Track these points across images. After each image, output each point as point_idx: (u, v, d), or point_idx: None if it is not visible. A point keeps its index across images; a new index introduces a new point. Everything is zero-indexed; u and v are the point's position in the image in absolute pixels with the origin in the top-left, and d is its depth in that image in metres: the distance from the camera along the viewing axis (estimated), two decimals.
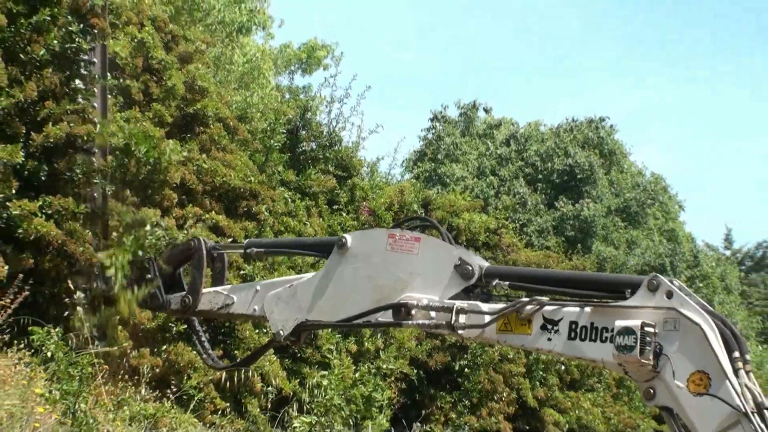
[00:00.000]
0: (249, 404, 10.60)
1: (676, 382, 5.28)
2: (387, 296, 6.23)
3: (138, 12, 11.44)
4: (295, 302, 6.65)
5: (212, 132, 11.87)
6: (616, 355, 5.36)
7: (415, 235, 6.30)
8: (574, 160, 35.25)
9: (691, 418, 5.27)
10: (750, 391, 5.23)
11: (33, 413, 7.30)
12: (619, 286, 5.69)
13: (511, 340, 5.80)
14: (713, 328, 5.33)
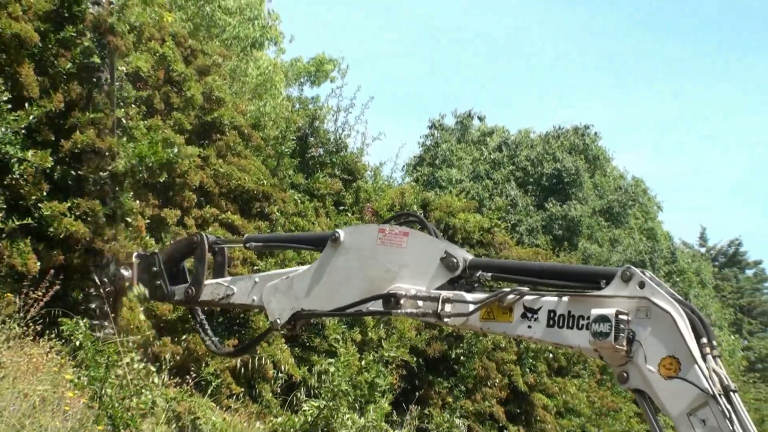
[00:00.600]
0: (262, 389, 10.61)
1: (648, 366, 5.30)
2: (377, 287, 6.23)
3: (160, 29, 11.45)
4: (291, 292, 6.67)
5: (228, 139, 11.88)
6: (592, 341, 5.36)
7: (404, 229, 6.31)
8: (562, 164, 35.28)
9: (662, 399, 5.28)
10: (717, 374, 5.25)
11: (63, 397, 7.31)
12: (594, 276, 5.69)
13: (494, 328, 5.88)
14: (682, 315, 5.35)
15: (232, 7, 20.42)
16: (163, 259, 7.47)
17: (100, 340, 7.99)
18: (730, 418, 5.10)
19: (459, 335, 14.50)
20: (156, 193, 10.35)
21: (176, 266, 7.54)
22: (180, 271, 7.50)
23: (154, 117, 10.65)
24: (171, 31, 11.78)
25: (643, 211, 40.38)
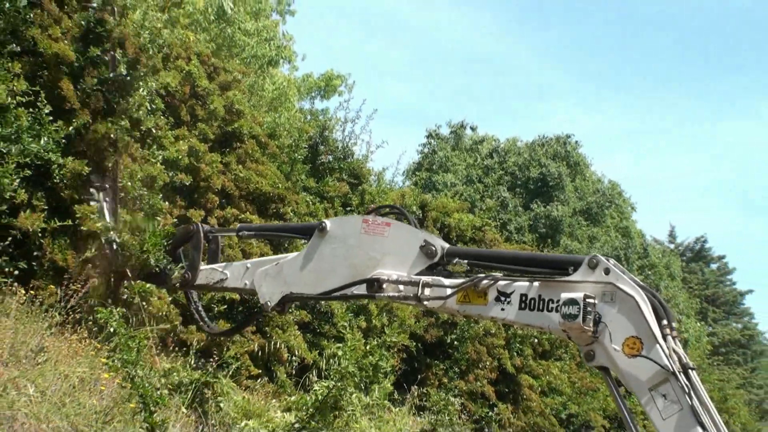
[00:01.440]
0: (277, 371, 10.60)
1: (613, 346, 5.30)
2: (361, 272, 6.22)
3: (186, 48, 11.46)
4: (281, 277, 6.62)
5: (247, 147, 11.86)
6: (562, 322, 5.36)
7: (386, 220, 6.30)
8: (546, 169, 35.34)
9: (625, 376, 5.28)
10: (676, 353, 5.27)
11: (99, 379, 7.31)
12: (563, 264, 5.68)
13: (470, 310, 5.88)
14: (645, 299, 5.35)
15: (250, 29, 20.43)
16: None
17: (132, 327, 7.98)
18: (689, 393, 5.09)
19: (453, 322, 14.50)
20: (182, 195, 10.34)
21: (174, 253, 7.62)
22: (177, 257, 7.55)
23: (180, 127, 10.65)
24: (196, 51, 11.78)
25: (619, 212, 40.35)
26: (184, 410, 8.07)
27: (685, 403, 5.07)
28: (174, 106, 10.66)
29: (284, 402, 9.85)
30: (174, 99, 10.67)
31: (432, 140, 38.20)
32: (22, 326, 7.16)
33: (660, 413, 5.12)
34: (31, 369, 6.85)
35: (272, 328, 10.52)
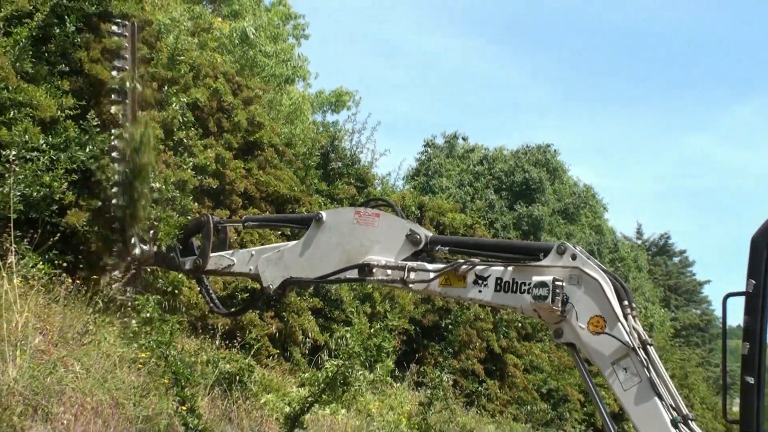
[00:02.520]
0: (293, 351, 10.60)
1: (579, 324, 5.27)
2: (353, 258, 6.17)
3: (213, 68, 11.47)
4: (282, 263, 6.57)
5: (267, 154, 11.86)
6: (533, 303, 5.32)
7: (376, 211, 6.26)
8: (528, 175, 35.29)
9: (590, 352, 5.26)
10: (636, 331, 5.27)
11: (137, 357, 7.31)
12: (534, 250, 5.67)
13: (450, 292, 5.85)
14: (608, 282, 5.32)
15: (270, 52, 20.40)
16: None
17: (166, 312, 7.98)
18: (647, 367, 5.09)
19: (448, 309, 14.46)
20: (210, 197, 10.34)
21: (186, 242, 7.50)
22: (189, 246, 7.45)
23: (209, 137, 10.65)
24: (222, 70, 11.78)
25: (592, 212, 40.28)
26: (212, 385, 8.06)
27: (644, 376, 5.05)
28: (203, 119, 10.67)
29: (299, 378, 9.84)
30: (203, 112, 10.67)
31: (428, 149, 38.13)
32: (69, 312, 7.17)
33: (621, 385, 5.09)
34: (78, 349, 6.86)
35: (289, 313, 10.52)
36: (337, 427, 9.38)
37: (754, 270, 4.57)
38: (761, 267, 4.55)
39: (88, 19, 8.85)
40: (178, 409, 6.75)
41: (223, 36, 17.80)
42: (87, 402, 6.21)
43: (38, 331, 6.53)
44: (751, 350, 4.50)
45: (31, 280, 6.90)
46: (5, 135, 7.26)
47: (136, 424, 6.49)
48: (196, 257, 7.24)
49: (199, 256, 7.22)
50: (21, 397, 5.55)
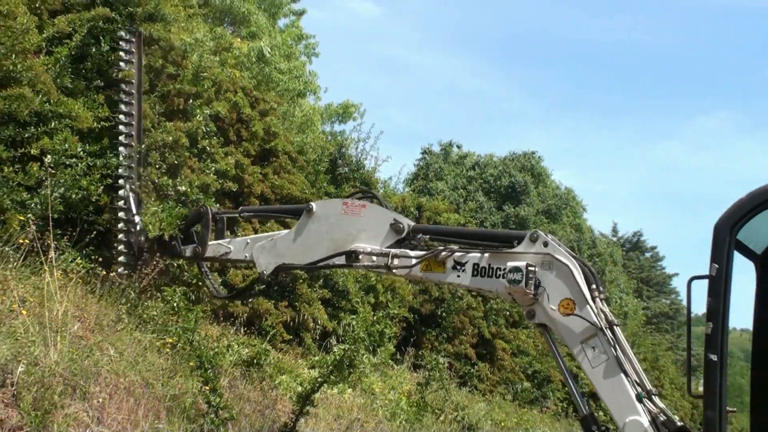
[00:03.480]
0: (304, 337, 10.59)
1: (550, 306, 5.19)
2: (341, 246, 6.05)
3: (233, 83, 11.45)
4: (275, 251, 6.46)
5: (281, 161, 11.85)
6: (508, 287, 5.22)
7: (362, 202, 6.14)
8: (515, 179, 35.30)
9: (561, 332, 5.19)
10: (603, 312, 5.18)
11: (165, 342, 7.30)
12: (508, 238, 5.55)
13: (431, 277, 5.74)
14: (577, 267, 5.24)
15: (284, 69, 20.40)
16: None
17: (191, 302, 7.97)
18: (614, 346, 5.01)
19: (443, 298, 14.46)
20: (230, 199, 10.32)
21: (187, 231, 7.37)
22: (190, 234, 7.33)
23: (229, 145, 10.64)
24: (241, 85, 11.76)
25: (573, 212, 40.23)
26: (232, 367, 8.05)
27: (611, 354, 4.97)
28: (224, 129, 10.65)
29: (310, 361, 9.84)
30: (224, 123, 10.66)
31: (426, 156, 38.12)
32: (104, 301, 7.17)
33: (590, 362, 5.01)
34: (112, 335, 6.85)
35: (301, 303, 10.51)
36: (344, 405, 9.38)
37: (716, 255, 4.50)
38: (723, 252, 4.48)
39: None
40: (202, 388, 6.75)
41: (242, 55, 17.79)
42: (120, 382, 6.21)
43: (77, 319, 6.53)
44: (714, 330, 4.43)
45: (70, 274, 6.90)
46: (47, 143, 7.26)
47: (164, 402, 6.49)
48: (196, 245, 7.13)
49: (198, 244, 7.10)
50: (61, 377, 5.55)
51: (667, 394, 24.01)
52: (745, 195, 4.55)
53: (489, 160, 38.31)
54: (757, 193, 4.51)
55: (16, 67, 6.73)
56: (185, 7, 11.73)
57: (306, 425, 7.71)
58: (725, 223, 4.52)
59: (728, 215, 4.54)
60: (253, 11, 21.72)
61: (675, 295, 58.32)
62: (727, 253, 4.48)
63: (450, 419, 11.38)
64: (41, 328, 5.83)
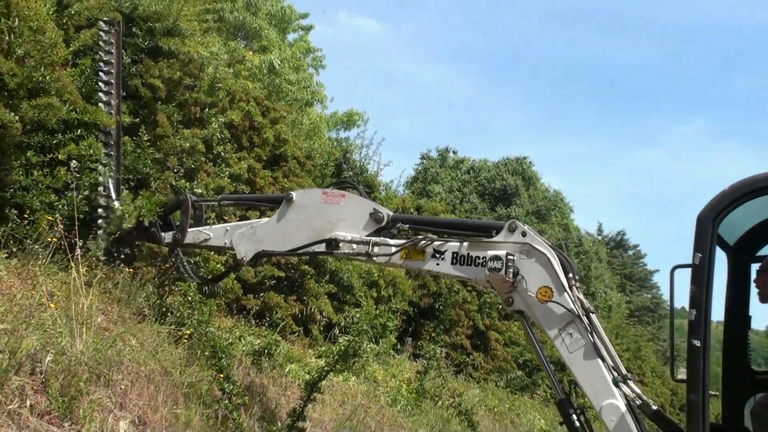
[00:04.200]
0: (312, 328, 10.58)
1: (528, 293, 5.03)
2: (320, 234, 5.83)
3: (246, 94, 11.45)
4: (254, 238, 6.20)
5: (290, 165, 11.84)
6: (488, 274, 5.05)
7: (342, 192, 5.90)
8: (507, 182, 35.30)
9: (539, 318, 5.04)
10: (580, 300, 5.01)
11: (182, 334, 7.29)
12: (488, 228, 5.36)
13: (411, 265, 5.55)
14: (555, 256, 5.09)
15: (293, 80, 20.40)
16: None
17: (205, 296, 7.95)
18: (590, 332, 4.90)
19: (440, 293, 14.44)
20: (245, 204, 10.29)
21: (166, 218, 7.06)
22: (169, 222, 7.02)
23: (242, 151, 10.64)
24: (253, 95, 11.76)
25: (561, 213, 40.18)
26: (244, 357, 8.05)
27: (588, 340, 4.85)
28: (237, 136, 10.65)
29: (317, 351, 9.84)
30: (237, 130, 10.65)
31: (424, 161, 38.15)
32: (126, 295, 7.16)
33: (567, 348, 4.89)
34: (133, 326, 6.85)
35: (308, 297, 10.50)
36: (349, 392, 9.37)
37: (700, 245, 4.37)
38: (706, 242, 4.36)
39: (142, 53, 8.89)
40: (216, 376, 6.75)
41: (254, 67, 17.79)
42: (141, 370, 6.21)
43: (101, 312, 6.53)
44: (698, 316, 4.31)
45: (94, 269, 6.90)
46: (73, 149, 7.26)
47: (181, 388, 6.49)
48: (175, 232, 6.82)
49: (178, 230, 6.80)
50: (86, 366, 5.55)
51: (648, 382, 23.97)
52: (727, 187, 4.42)
53: (483, 165, 38.28)
54: (740, 185, 4.40)
55: (44, 79, 6.73)
56: (201, 23, 11.72)
57: (313, 410, 7.71)
58: (708, 214, 4.40)
59: (711, 206, 4.41)
60: (264, 26, 21.74)
61: (656, 290, 58.31)
62: (710, 242, 4.36)
63: (447, 405, 11.37)
64: (68, 320, 5.83)
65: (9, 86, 6.40)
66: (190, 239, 6.73)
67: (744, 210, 4.57)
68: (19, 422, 4.77)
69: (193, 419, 6.28)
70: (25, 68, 6.53)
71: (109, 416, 5.49)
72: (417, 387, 11.01)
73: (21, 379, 4.98)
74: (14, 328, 5.22)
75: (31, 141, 6.95)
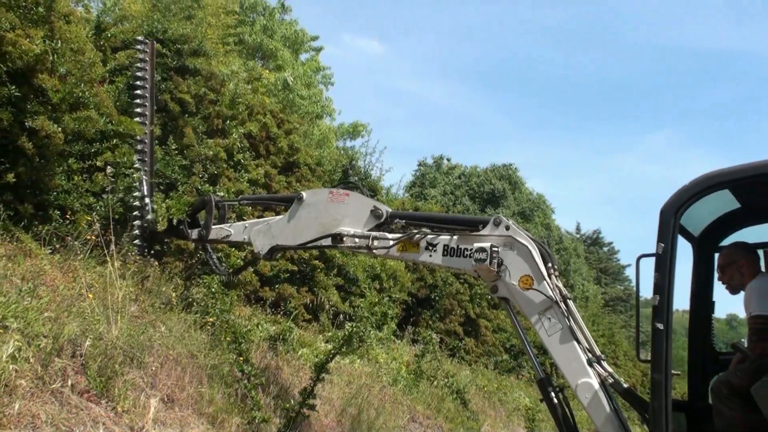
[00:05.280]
0: (321, 316, 10.57)
1: (511, 281, 4.98)
2: (327, 229, 5.81)
3: (263, 107, 11.45)
4: (270, 233, 6.20)
5: (302, 171, 11.84)
6: (474, 265, 5.01)
7: (346, 191, 5.88)
8: (495, 186, 35.31)
9: (521, 304, 4.98)
10: (558, 287, 4.94)
11: (206, 321, 7.29)
12: (475, 223, 5.33)
13: (407, 257, 5.50)
14: (535, 248, 5.03)
15: (304, 95, 20.44)
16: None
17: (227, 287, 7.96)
18: (567, 317, 4.85)
19: (436, 285, 14.42)
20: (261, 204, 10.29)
21: (193, 217, 7.10)
22: (196, 220, 7.07)
23: (259, 158, 10.64)
24: (269, 109, 11.76)
25: (543, 213, 40.18)
26: (261, 342, 8.05)
27: (565, 324, 4.79)
28: (255, 145, 10.65)
29: (325, 336, 9.83)
30: (255, 140, 10.66)
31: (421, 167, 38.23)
32: (156, 287, 7.17)
33: (546, 331, 4.83)
34: (162, 315, 6.86)
35: (319, 288, 10.49)
36: (354, 373, 9.37)
37: (662, 235, 4.29)
38: (669, 233, 4.28)
39: (171, 71, 8.90)
40: (237, 359, 6.75)
41: (270, 83, 17.81)
42: (170, 354, 6.21)
43: (133, 302, 6.54)
44: (661, 301, 4.23)
45: (128, 263, 6.91)
46: (109, 157, 7.28)
47: (205, 370, 6.50)
48: (201, 228, 6.87)
49: (203, 227, 6.84)
50: (121, 350, 5.55)
51: (621, 364, 23.90)
52: (688, 182, 4.35)
53: (473, 171, 38.33)
54: (699, 180, 4.33)
55: (84, 94, 6.75)
56: (224, 44, 11.74)
57: (323, 389, 7.71)
58: (670, 207, 4.32)
59: (673, 200, 4.34)
60: (279, 48, 21.76)
61: (628, 282, 58.07)
62: (672, 233, 4.28)
63: (441, 384, 11.36)
64: (104, 309, 5.84)
65: (53, 101, 6.42)
66: (214, 235, 6.77)
67: (707, 203, 4.50)
68: (61, 399, 4.78)
69: (216, 397, 6.28)
70: (67, 85, 6.55)
71: (141, 394, 5.49)
72: (415, 368, 11.00)
73: (63, 361, 5.00)
74: (57, 316, 5.24)
75: (72, 149, 6.97)
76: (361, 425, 8.01)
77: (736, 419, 4.28)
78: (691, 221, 4.91)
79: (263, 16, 22.88)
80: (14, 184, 6.18)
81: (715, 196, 4.45)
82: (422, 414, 10.02)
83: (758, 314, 4.43)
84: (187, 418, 5.78)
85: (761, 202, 4.90)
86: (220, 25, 12.49)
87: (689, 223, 4.86)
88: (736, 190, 4.60)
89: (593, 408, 4.64)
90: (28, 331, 4.84)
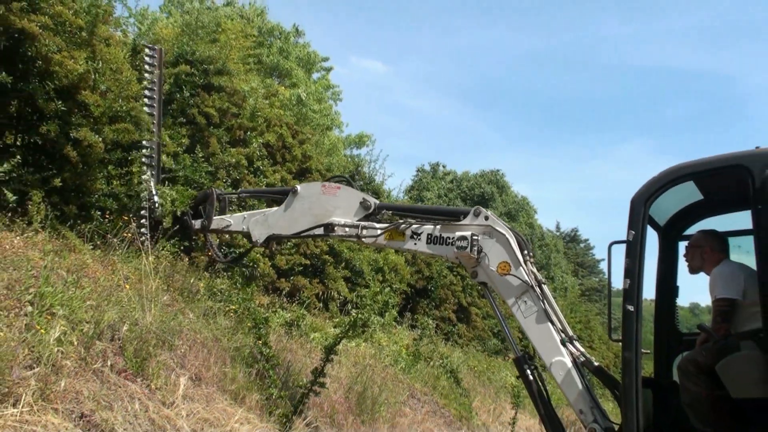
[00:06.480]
0: (331, 304, 10.57)
1: (490, 268, 4.88)
2: (320, 220, 5.68)
3: (279, 120, 11.45)
4: (266, 223, 6.09)
5: (314, 177, 11.83)
6: (456, 252, 4.89)
7: (337, 185, 5.76)
8: (484, 189, 35.27)
9: (499, 289, 4.87)
10: (533, 273, 4.84)
11: (229, 309, 7.30)
12: (456, 213, 5.20)
13: (393, 245, 5.37)
14: (512, 236, 4.91)
15: (316, 109, 20.41)
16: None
17: (247, 278, 7.96)
18: (542, 300, 4.76)
19: (432, 276, 14.40)
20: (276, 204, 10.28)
21: (196, 209, 6.99)
22: (198, 211, 6.96)
23: (276, 165, 10.64)
24: (285, 121, 11.76)
25: (527, 214, 40.11)
26: (278, 327, 8.06)
27: (540, 306, 4.70)
28: (272, 153, 10.65)
29: (334, 322, 9.84)
30: (272, 149, 10.66)
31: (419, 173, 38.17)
32: (185, 279, 7.18)
33: (522, 313, 4.75)
34: (191, 303, 6.87)
35: (328, 280, 10.49)
36: (359, 354, 9.37)
37: (633, 223, 4.18)
38: (639, 221, 4.18)
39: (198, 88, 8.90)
40: (256, 342, 6.76)
41: (286, 99, 17.81)
42: (197, 338, 6.23)
43: (165, 292, 6.56)
44: (631, 284, 4.13)
45: (161, 258, 6.92)
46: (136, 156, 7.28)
47: (229, 352, 6.51)
48: (203, 219, 6.77)
49: (205, 218, 6.74)
50: (154, 334, 5.57)
51: (596, 347, 23.82)
52: (657, 173, 4.25)
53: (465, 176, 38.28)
54: (667, 172, 4.23)
55: (122, 108, 6.77)
56: (245, 64, 11.73)
57: (332, 369, 7.71)
58: (640, 197, 4.22)
59: (643, 191, 4.23)
60: (294, 67, 21.77)
61: (602, 275, 57.79)
62: (642, 221, 4.19)
63: (437, 365, 11.36)
64: (139, 298, 5.85)
65: (94, 114, 6.44)
66: (215, 225, 6.65)
67: (673, 195, 4.41)
68: (101, 378, 4.80)
69: (238, 376, 6.29)
70: (107, 100, 6.58)
71: (172, 373, 5.51)
72: (414, 351, 11.00)
73: (103, 344, 5.02)
74: (98, 304, 5.25)
75: (111, 157, 6.98)
76: (366, 401, 8.02)
77: (702, 395, 4.22)
78: (658, 211, 4.81)
79: (280, 39, 22.92)
80: (60, 188, 6.21)
81: (680, 188, 4.35)
82: (420, 391, 10.03)
83: (722, 297, 4.34)
84: (213, 394, 5.80)
85: (722, 194, 4.78)
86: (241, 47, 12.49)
87: (656, 213, 4.75)
88: (699, 182, 4.51)
89: (566, 384, 4.58)
90: (73, 317, 4.87)
